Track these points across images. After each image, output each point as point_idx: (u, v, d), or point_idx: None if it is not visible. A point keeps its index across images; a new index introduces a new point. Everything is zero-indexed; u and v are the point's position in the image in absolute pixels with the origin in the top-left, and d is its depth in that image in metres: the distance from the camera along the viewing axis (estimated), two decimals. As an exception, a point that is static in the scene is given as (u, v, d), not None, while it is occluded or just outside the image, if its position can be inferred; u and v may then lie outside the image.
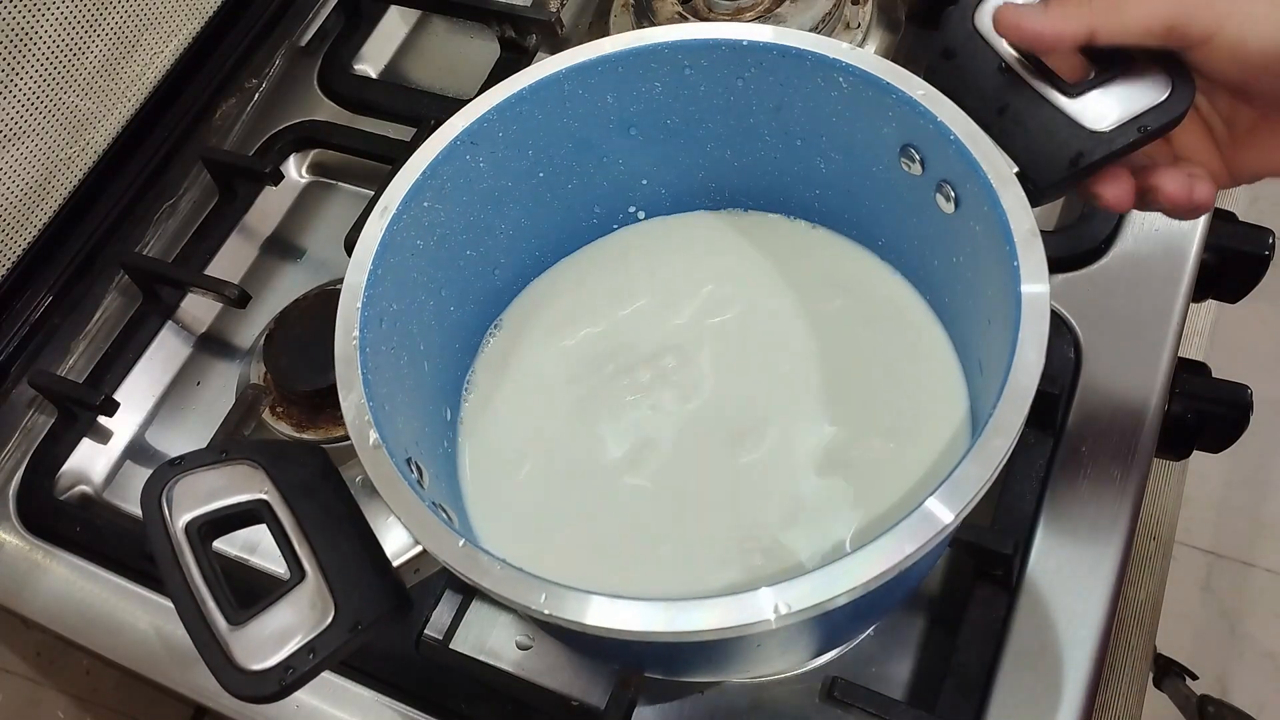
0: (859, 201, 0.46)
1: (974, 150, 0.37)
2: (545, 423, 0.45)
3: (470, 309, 0.46)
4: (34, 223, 0.61)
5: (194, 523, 0.35)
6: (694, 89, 0.44)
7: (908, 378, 0.44)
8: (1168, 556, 0.61)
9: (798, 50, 0.41)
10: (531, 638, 0.49)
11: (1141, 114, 0.37)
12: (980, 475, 0.32)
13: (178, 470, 0.36)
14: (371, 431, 0.35)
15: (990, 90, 0.39)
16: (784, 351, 0.45)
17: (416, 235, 0.41)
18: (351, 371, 0.37)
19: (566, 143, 0.45)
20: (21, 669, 1.09)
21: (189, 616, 0.33)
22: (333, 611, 0.33)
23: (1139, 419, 0.48)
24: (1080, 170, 0.37)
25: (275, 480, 0.35)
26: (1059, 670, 0.43)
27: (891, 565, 0.30)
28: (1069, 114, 0.38)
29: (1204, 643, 1.13)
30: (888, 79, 0.39)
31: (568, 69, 0.42)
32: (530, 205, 0.46)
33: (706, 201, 0.50)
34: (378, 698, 0.47)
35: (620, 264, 0.49)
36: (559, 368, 0.46)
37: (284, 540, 0.34)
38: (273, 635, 0.33)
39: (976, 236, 0.39)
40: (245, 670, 0.32)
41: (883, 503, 0.41)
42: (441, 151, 0.41)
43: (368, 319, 0.38)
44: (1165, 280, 0.52)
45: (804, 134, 0.45)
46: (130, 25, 0.62)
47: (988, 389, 0.39)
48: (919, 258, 0.45)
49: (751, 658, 0.43)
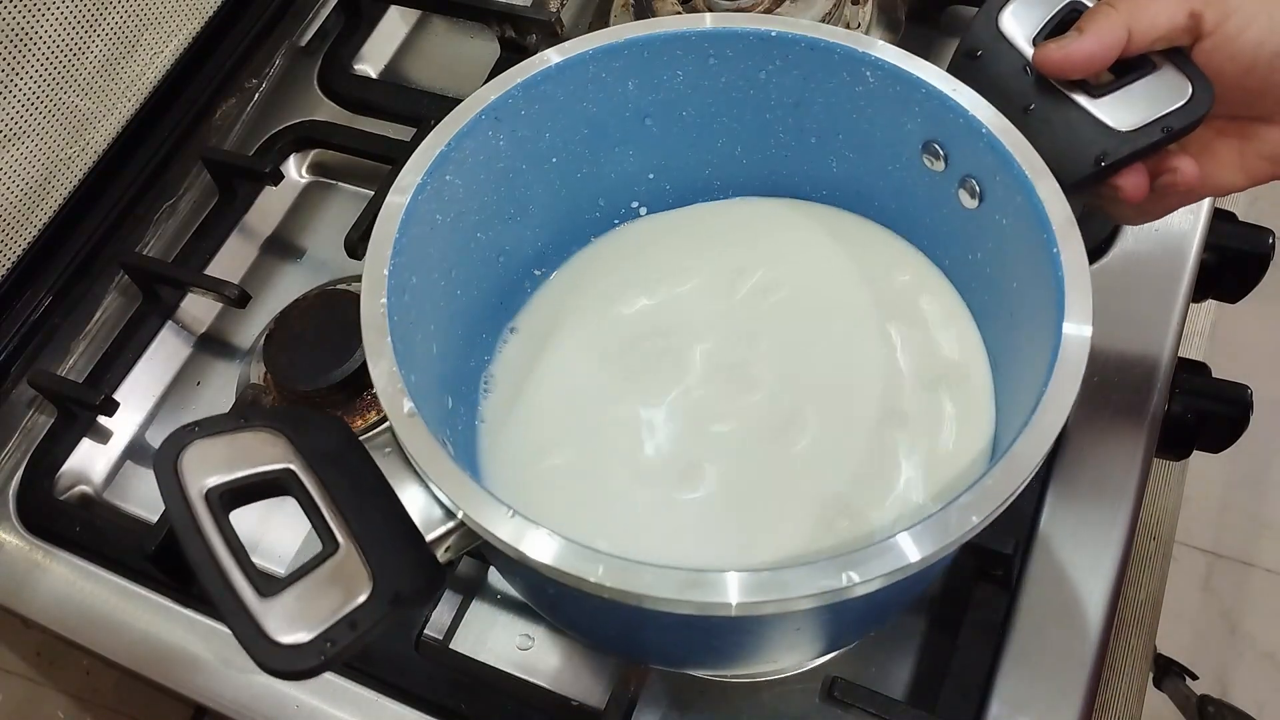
0: (869, 201, 0.46)
1: (1006, 143, 0.38)
2: (574, 420, 0.44)
3: (475, 296, 0.45)
4: (34, 223, 0.61)
5: (214, 490, 0.32)
6: (715, 80, 0.43)
7: (932, 358, 0.44)
8: (1168, 556, 0.61)
9: (827, 44, 0.41)
10: (531, 638, 0.49)
11: (1164, 115, 0.38)
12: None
13: (194, 435, 0.33)
14: (405, 400, 0.34)
15: (1015, 90, 0.39)
16: (823, 336, 0.45)
17: (436, 209, 0.40)
18: (380, 339, 0.35)
19: (583, 128, 0.44)
20: (21, 669, 1.09)
21: (214, 585, 0.31)
22: (370, 584, 0.31)
23: (1139, 419, 0.48)
24: (1105, 169, 0.38)
25: (299, 448, 0.33)
26: (1059, 670, 0.43)
27: (911, 561, 0.30)
28: (1094, 115, 0.39)
29: (1204, 643, 1.13)
30: (917, 74, 0.39)
31: (595, 50, 0.41)
32: (540, 191, 0.45)
33: (708, 198, 0.50)
34: (378, 698, 0.47)
35: (635, 259, 0.49)
36: (585, 364, 0.46)
37: (314, 510, 0.32)
38: (307, 608, 0.31)
39: (1002, 230, 0.39)
40: (280, 644, 0.30)
41: (946, 472, 0.41)
42: (467, 124, 0.40)
43: (394, 287, 0.37)
44: (1165, 280, 0.52)
45: (820, 131, 0.45)
46: (130, 25, 0.62)
47: (1003, 383, 0.39)
48: (932, 255, 0.45)
49: (763, 650, 0.42)
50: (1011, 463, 0.32)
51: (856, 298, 0.46)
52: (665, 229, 0.49)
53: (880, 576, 0.30)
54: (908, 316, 0.45)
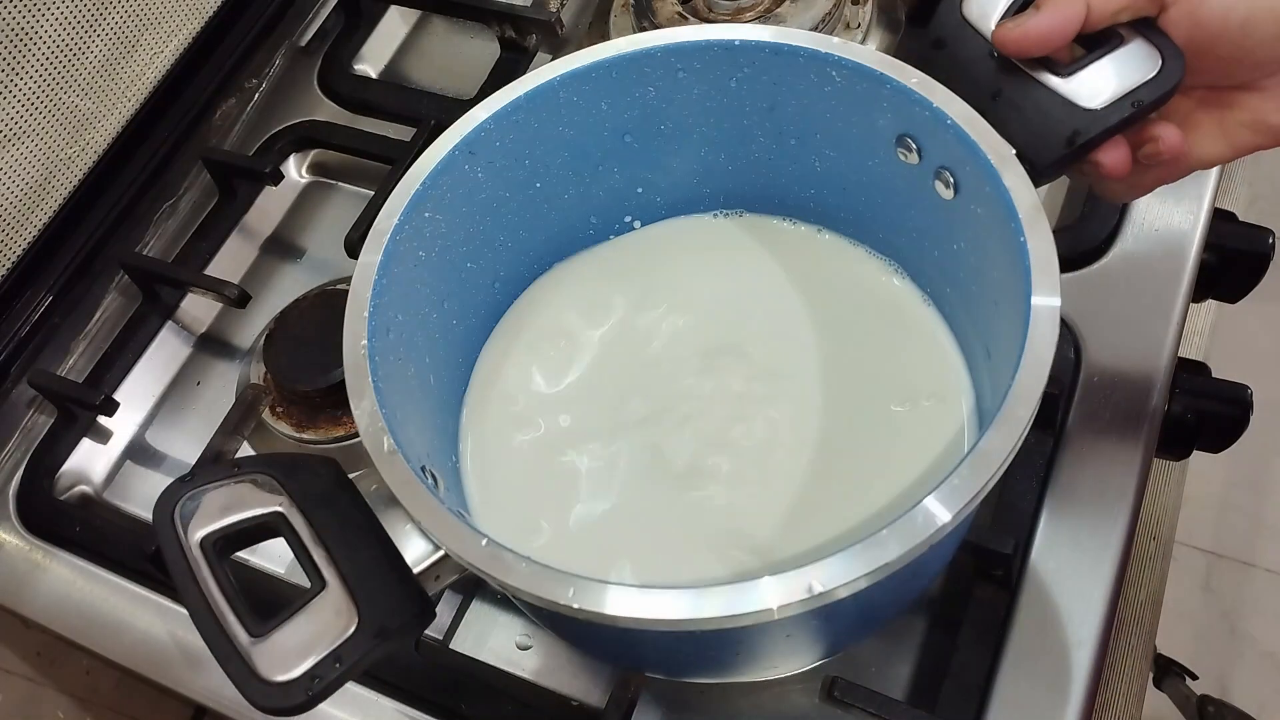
0: (855, 197, 0.46)
1: (971, 132, 0.38)
2: (545, 421, 0.45)
3: (473, 323, 0.46)
4: (34, 223, 0.61)
5: (209, 538, 0.34)
6: (687, 92, 0.44)
7: (908, 371, 0.44)
8: (1168, 556, 0.61)
9: (790, 47, 0.41)
10: (531, 638, 0.49)
11: (1134, 89, 0.38)
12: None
13: (189, 487, 0.35)
14: (386, 438, 0.35)
15: (983, 77, 0.39)
16: (785, 351, 0.46)
17: (419, 246, 0.41)
18: (362, 379, 0.36)
19: (562, 152, 0.45)
20: (21, 669, 1.10)
21: (209, 631, 0.33)
22: (356, 619, 0.33)
23: (1139, 419, 0.48)
24: (1078, 148, 0.38)
25: (290, 492, 0.35)
26: (1059, 670, 0.43)
27: (921, 541, 0.31)
28: (1062, 94, 0.38)
29: (1204, 643, 1.13)
30: (881, 69, 0.40)
31: (563, 76, 0.42)
32: (529, 216, 0.46)
33: (700, 207, 0.50)
34: (377, 698, 0.47)
35: (614, 273, 0.49)
36: (555, 373, 0.46)
37: (302, 550, 0.34)
38: (296, 646, 0.32)
39: (978, 220, 0.39)
40: (270, 682, 0.32)
41: (884, 497, 0.41)
42: (440, 161, 0.41)
43: (375, 328, 0.38)
44: (1165, 280, 0.52)
45: (798, 133, 0.45)
46: (130, 25, 0.62)
47: (996, 374, 0.39)
48: (918, 249, 0.45)
49: (759, 657, 0.43)
50: (1014, 399, 0.33)
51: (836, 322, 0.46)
52: (655, 243, 0.50)
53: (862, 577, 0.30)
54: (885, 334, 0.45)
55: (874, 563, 0.30)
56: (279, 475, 0.35)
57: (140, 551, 0.51)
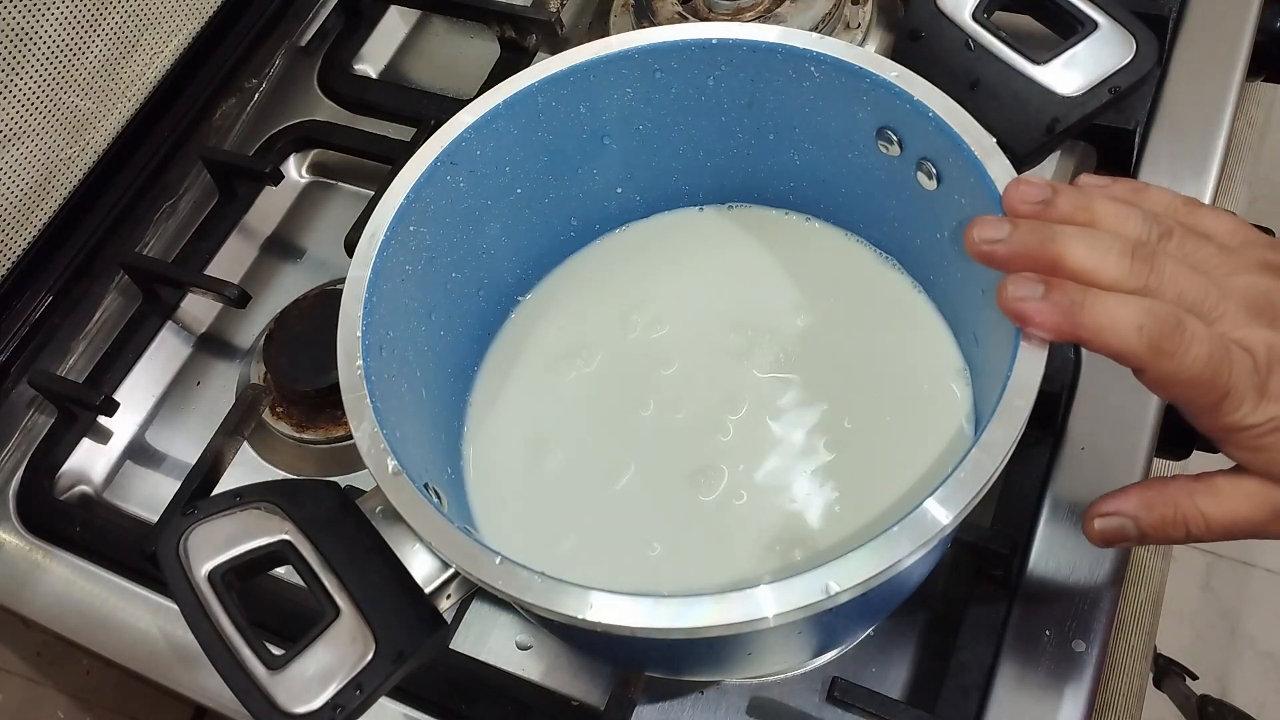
0: (835, 189, 0.46)
1: (953, 124, 0.38)
2: (549, 433, 0.45)
3: (460, 332, 0.46)
4: (34, 223, 0.61)
5: (216, 570, 0.34)
6: (665, 91, 0.44)
7: (908, 360, 0.44)
8: (1168, 556, 0.61)
9: (767, 44, 0.41)
10: (531, 638, 0.49)
11: (1110, 75, 0.38)
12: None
13: (192, 519, 0.35)
14: (390, 459, 0.34)
15: (960, 67, 0.40)
16: (786, 345, 0.45)
17: (405, 260, 0.41)
18: (360, 401, 0.36)
19: (542, 156, 0.45)
20: (21, 669, 1.09)
21: (224, 666, 0.32)
22: (373, 645, 0.32)
23: (1139, 419, 0.48)
24: (1058, 135, 0.38)
25: (294, 519, 0.35)
26: (1059, 670, 0.43)
27: (896, 560, 0.30)
28: (1040, 82, 0.39)
29: (1204, 643, 1.13)
30: (860, 64, 0.40)
31: (540, 81, 0.42)
32: (510, 223, 0.46)
33: (681, 204, 0.50)
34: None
35: (603, 276, 0.49)
36: (555, 379, 0.46)
37: (312, 578, 0.34)
38: (315, 676, 0.32)
39: (962, 209, 0.39)
40: (292, 714, 0.32)
41: (884, 499, 0.41)
42: (423, 174, 0.41)
43: (368, 347, 0.37)
44: (1165, 280, 0.52)
45: (777, 128, 0.45)
46: (130, 25, 0.62)
47: (987, 361, 0.39)
48: (901, 238, 0.45)
49: (755, 656, 0.43)
50: (1012, 390, 0.33)
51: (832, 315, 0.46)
52: (637, 243, 0.50)
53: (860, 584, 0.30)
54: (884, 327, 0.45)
55: (888, 560, 0.30)
56: (282, 502, 0.35)
57: (140, 551, 0.51)
